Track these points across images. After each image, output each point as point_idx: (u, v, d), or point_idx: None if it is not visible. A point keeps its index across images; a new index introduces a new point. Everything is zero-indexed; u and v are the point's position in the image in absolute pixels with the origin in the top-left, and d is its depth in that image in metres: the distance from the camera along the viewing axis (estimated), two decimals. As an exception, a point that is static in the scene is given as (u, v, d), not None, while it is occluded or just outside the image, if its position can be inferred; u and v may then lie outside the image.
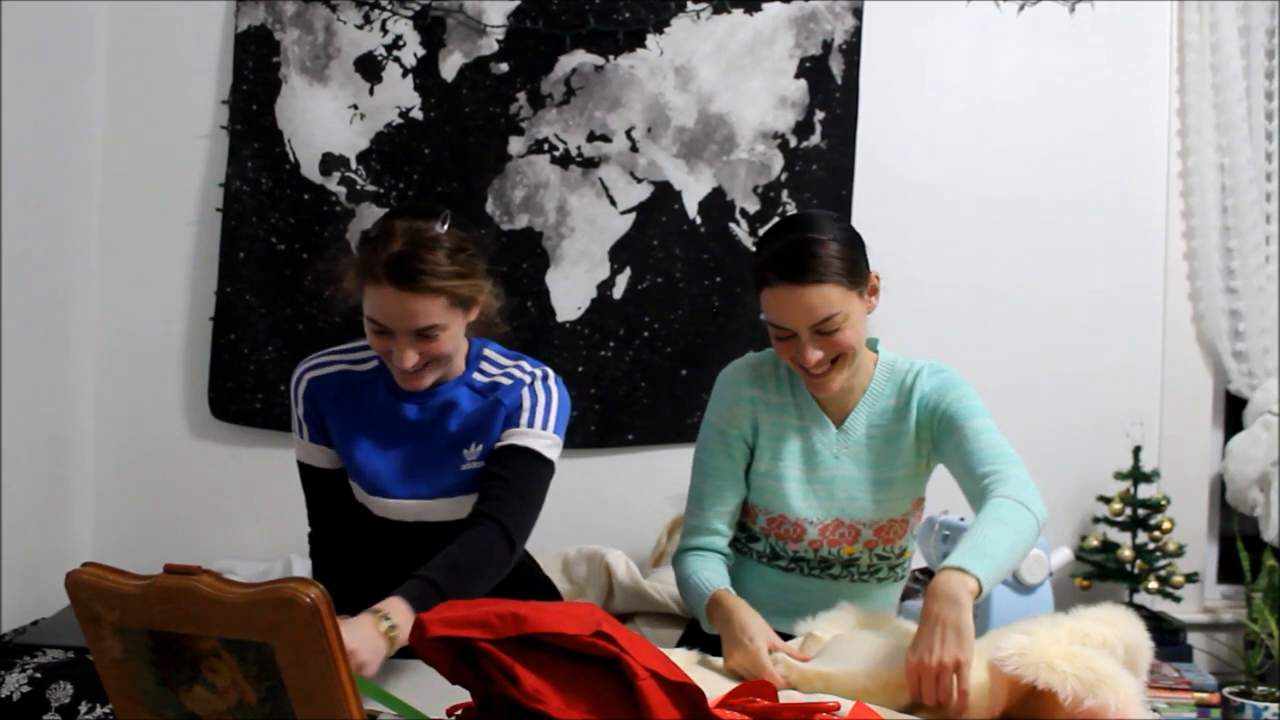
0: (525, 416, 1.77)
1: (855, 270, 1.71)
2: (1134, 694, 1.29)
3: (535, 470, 1.75)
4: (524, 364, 1.86)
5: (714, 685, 1.42)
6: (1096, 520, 2.90)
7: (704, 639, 1.73)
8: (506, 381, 1.82)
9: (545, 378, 1.81)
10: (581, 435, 2.89)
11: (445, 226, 1.68)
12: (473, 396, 1.81)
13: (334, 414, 1.83)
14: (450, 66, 2.92)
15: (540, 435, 1.76)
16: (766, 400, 1.83)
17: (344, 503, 1.86)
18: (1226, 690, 2.62)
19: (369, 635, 1.45)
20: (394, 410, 1.81)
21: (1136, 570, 2.78)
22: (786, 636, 1.63)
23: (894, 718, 1.36)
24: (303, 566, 2.75)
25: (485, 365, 1.84)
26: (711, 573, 1.78)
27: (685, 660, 1.59)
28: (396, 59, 2.91)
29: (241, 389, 2.90)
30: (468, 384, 1.82)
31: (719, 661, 1.62)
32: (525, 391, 1.79)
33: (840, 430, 1.83)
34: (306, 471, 1.87)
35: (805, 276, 1.66)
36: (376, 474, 1.81)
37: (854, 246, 1.74)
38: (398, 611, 1.50)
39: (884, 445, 1.82)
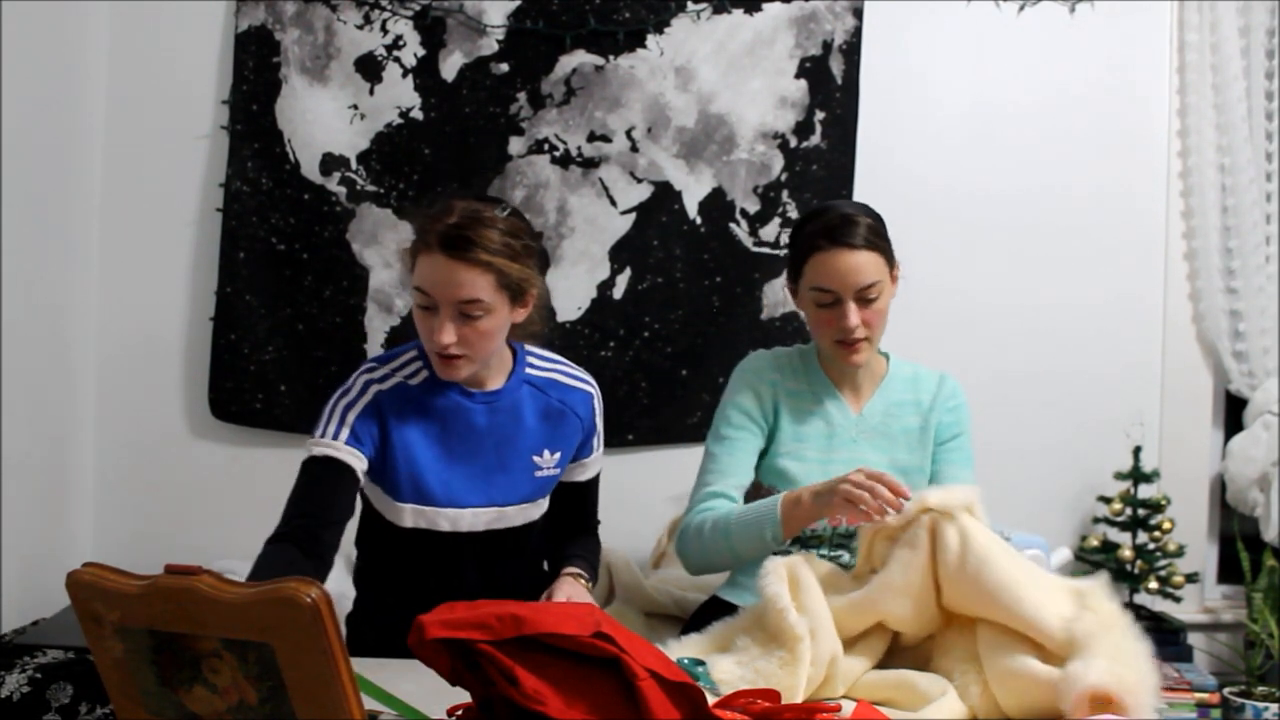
0: (598, 441, 1.95)
1: (890, 250, 1.92)
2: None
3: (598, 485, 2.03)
4: (566, 365, 1.91)
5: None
6: (1096, 520, 2.90)
7: (707, 625, 1.74)
8: (566, 381, 1.88)
9: (598, 395, 1.93)
10: (581, 435, 2.89)
11: (505, 213, 1.71)
12: (534, 394, 1.84)
13: (402, 427, 1.75)
14: (450, 66, 2.92)
15: (602, 457, 1.99)
16: (787, 386, 1.98)
17: (346, 506, 1.76)
18: (1227, 690, 2.62)
19: (584, 594, 1.76)
20: (463, 414, 1.78)
21: (1137, 570, 2.78)
22: None
23: (897, 718, 1.36)
24: (303, 567, 2.74)
25: (532, 360, 1.86)
26: (751, 502, 1.88)
27: (690, 648, 1.60)
28: (396, 59, 2.91)
29: (241, 389, 2.90)
30: (527, 381, 1.84)
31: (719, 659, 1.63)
32: (596, 409, 1.92)
33: (858, 416, 1.98)
34: (324, 465, 1.71)
35: (856, 241, 1.85)
36: (449, 484, 1.78)
37: (886, 230, 1.94)
38: (585, 572, 1.84)
39: (900, 435, 1.97)
